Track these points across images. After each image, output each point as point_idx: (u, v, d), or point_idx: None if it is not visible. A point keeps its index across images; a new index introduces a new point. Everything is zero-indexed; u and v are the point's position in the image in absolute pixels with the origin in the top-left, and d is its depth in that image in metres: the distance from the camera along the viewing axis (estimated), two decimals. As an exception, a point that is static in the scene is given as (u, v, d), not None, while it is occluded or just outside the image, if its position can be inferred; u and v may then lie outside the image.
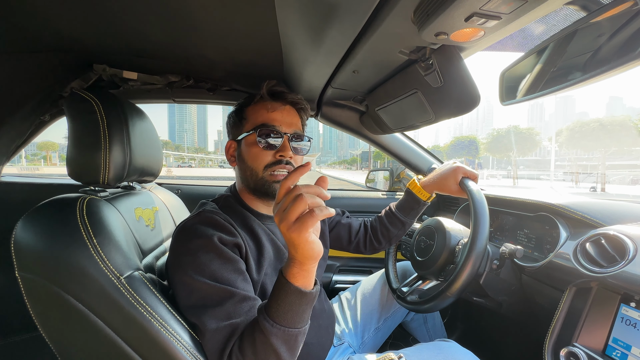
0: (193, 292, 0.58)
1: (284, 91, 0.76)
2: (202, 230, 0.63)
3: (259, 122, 0.73)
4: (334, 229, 1.04)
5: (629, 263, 0.64)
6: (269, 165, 0.72)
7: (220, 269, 0.60)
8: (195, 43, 0.86)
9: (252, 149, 0.73)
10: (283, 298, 0.53)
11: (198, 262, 0.59)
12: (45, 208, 0.59)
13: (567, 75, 0.58)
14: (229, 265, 0.61)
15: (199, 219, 0.66)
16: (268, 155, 0.73)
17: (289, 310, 0.53)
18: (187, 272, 0.59)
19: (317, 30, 0.65)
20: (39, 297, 0.55)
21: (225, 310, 0.57)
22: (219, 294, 0.58)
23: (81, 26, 0.77)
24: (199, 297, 0.58)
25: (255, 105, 0.76)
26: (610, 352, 0.63)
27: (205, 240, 0.61)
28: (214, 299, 0.58)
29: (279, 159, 0.73)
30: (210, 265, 0.59)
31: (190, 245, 0.61)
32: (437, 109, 0.85)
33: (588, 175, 33.85)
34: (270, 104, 0.75)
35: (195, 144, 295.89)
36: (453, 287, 0.75)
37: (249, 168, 0.74)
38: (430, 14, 0.50)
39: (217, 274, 0.59)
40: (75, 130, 0.66)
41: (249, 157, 0.74)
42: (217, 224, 0.65)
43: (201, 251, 0.60)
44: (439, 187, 0.93)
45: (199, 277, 0.58)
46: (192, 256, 0.60)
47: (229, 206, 0.75)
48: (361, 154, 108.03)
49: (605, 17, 0.49)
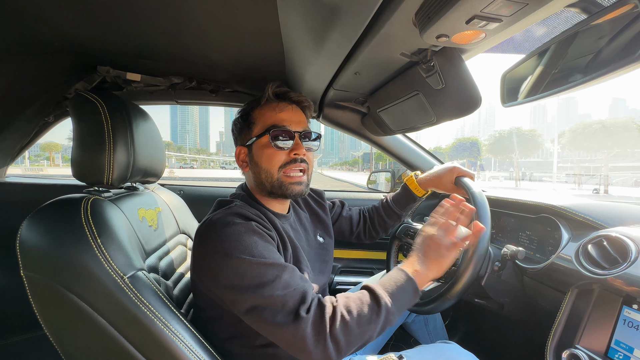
0: (246, 272, 0.57)
1: (288, 91, 0.77)
2: (237, 220, 0.63)
3: (269, 123, 0.73)
4: (337, 221, 1.05)
5: (631, 265, 0.64)
6: (283, 165, 0.73)
7: (265, 249, 0.61)
8: (197, 45, 0.87)
9: (265, 151, 0.73)
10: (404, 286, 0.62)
11: (244, 244, 0.59)
12: (50, 208, 0.59)
13: (568, 77, 0.58)
14: (270, 246, 0.63)
15: (230, 212, 0.66)
16: (282, 155, 0.73)
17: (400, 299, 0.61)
18: (235, 255, 0.58)
19: (319, 33, 0.65)
20: (44, 296, 0.55)
21: (284, 280, 0.58)
22: (273, 268, 0.58)
23: (85, 29, 0.78)
24: (255, 274, 0.57)
25: (262, 108, 0.76)
26: (613, 355, 0.63)
27: (245, 226, 0.62)
28: (271, 273, 0.58)
29: (294, 157, 0.73)
30: (256, 246, 0.60)
31: (230, 231, 0.61)
32: (439, 111, 0.85)
33: (591, 177, 33.69)
34: (277, 104, 0.75)
35: (198, 145, 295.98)
36: (454, 289, 0.75)
37: (264, 170, 0.73)
38: (432, 16, 0.50)
39: (265, 253, 0.60)
40: (79, 131, 0.67)
41: (263, 160, 0.73)
42: (249, 216, 0.66)
43: (244, 235, 0.61)
44: (434, 185, 0.96)
45: (249, 257, 0.58)
46: (236, 240, 0.59)
47: (250, 204, 0.75)
48: (363, 156, 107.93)
49: (606, 19, 0.49)
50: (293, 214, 0.85)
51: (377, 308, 0.58)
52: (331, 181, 28.39)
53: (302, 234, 0.85)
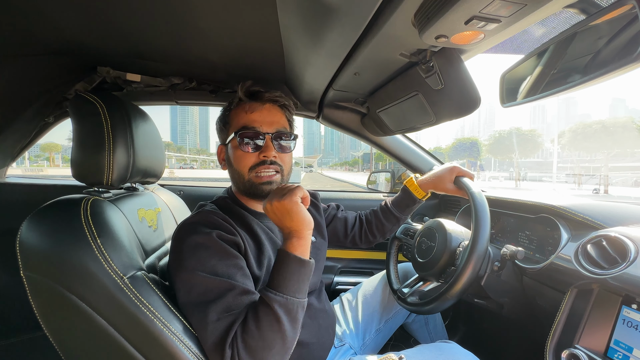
0: (193, 288, 0.59)
1: (260, 90, 0.76)
2: (201, 228, 0.64)
3: (240, 125, 0.73)
4: (331, 223, 1.05)
5: (631, 265, 0.64)
6: (253, 167, 0.73)
7: (219, 263, 0.61)
8: (197, 46, 0.87)
9: (236, 153, 0.74)
10: (284, 268, 0.59)
11: (197, 258, 0.60)
12: (50, 209, 0.59)
13: (567, 78, 0.59)
14: (228, 261, 0.62)
15: (198, 218, 0.67)
16: (252, 157, 0.73)
17: (290, 278, 0.59)
18: (186, 268, 0.60)
19: (318, 33, 0.65)
20: (44, 296, 0.56)
21: (226, 302, 0.58)
22: (219, 287, 0.59)
23: (85, 29, 0.78)
24: (199, 291, 0.59)
25: (236, 109, 0.76)
26: (612, 354, 0.63)
27: (205, 237, 0.62)
28: (215, 292, 0.58)
29: (263, 159, 0.72)
30: (210, 260, 0.60)
31: (189, 242, 0.62)
32: (438, 111, 0.85)
33: (591, 177, 33.68)
34: (249, 105, 0.74)
35: (197, 146, 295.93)
36: (454, 289, 0.75)
37: (236, 171, 0.75)
38: (431, 17, 0.51)
39: (217, 268, 0.60)
40: (79, 132, 0.67)
41: (235, 161, 0.74)
42: (216, 222, 0.66)
43: (200, 247, 0.61)
44: (434, 186, 0.96)
45: (199, 272, 0.59)
46: (191, 252, 0.61)
47: (226, 207, 0.76)
48: (363, 156, 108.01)
49: (605, 20, 0.49)
50: None
51: (271, 312, 0.56)
52: (331, 181, 28.39)
53: None
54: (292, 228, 0.62)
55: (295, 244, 0.61)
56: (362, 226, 1.07)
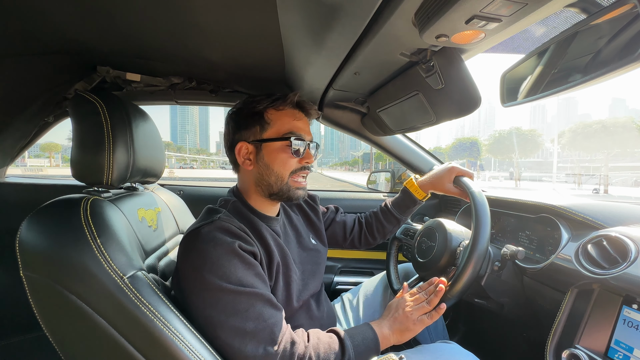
0: (221, 299, 0.59)
1: (307, 102, 0.80)
2: (221, 238, 0.63)
3: (286, 129, 0.74)
4: (330, 227, 1.05)
5: (631, 265, 0.64)
6: (294, 171, 0.75)
7: (245, 274, 0.61)
8: (197, 45, 0.87)
9: (280, 155, 0.74)
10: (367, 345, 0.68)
11: (222, 269, 0.60)
12: (50, 208, 0.59)
13: (567, 77, 0.59)
14: (252, 270, 0.63)
15: (215, 227, 0.65)
16: (294, 162, 0.75)
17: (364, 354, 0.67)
18: (211, 280, 0.59)
19: (318, 33, 0.65)
20: (43, 296, 0.55)
21: (258, 311, 0.59)
22: (249, 297, 0.60)
23: (85, 29, 0.78)
24: (228, 302, 0.59)
25: (279, 111, 0.76)
26: (613, 354, 0.63)
27: (227, 247, 0.61)
28: (245, 302, 0.59)
29: (305, 165, 0.77)
30: (236, 271, 0.60)
31: (210, 252, 0.61)
32: (438, 111, 0.85)
33: (591, 177, 33.69)
34: (296, 112, 0.78)
35: (197, 146, 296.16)
36: (454, 289, 0.75)
37: (275, 173, 0.74)
38: (431, 16, 0.51)
39: (243, 280, 0.60)
40: (79, 131, 0.67)
41: (276, 163, 0.74)
42: (234, 232, 0.65)
43: (224, 258, 0.60)
44: (433, 186, 0.96)
45: (226, 284, 0.59)
46: (214, 264, 0.60)
47: (238, 212, 0.75)
48: (363, 156, 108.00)
49: (606, 19, 0.49)
50: (283, 216, 0.86)
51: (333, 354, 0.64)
52: (331, 181, 28.39)
53: (293, 236, 0.85)
54: (395, 333, 0.72)
55: (387, 342, 0.71)
56: (361, 229, 1.07)
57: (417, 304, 0.74)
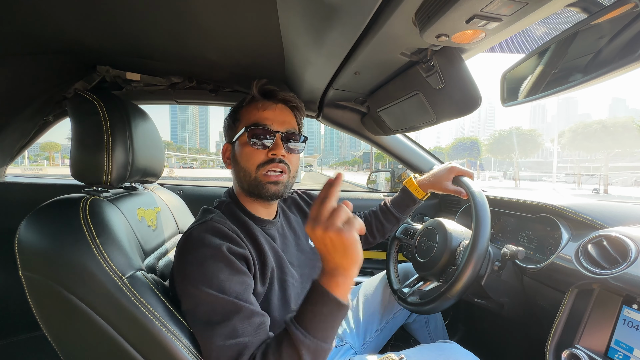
0: (199, 305, 0.57)
1: (274, 89, 0.75)
2: (210, 240, 0.61)
3: (251, 121, 0.72)
4: None
5: (631, 265, 0.64)
6: (261, 165, 0.71)
7: (228, 279, 0.58)
8: (197, 45, 0.87)
9: (244, 149, 0.72)
10: (320, 308, 0.53)
11: (205, 272, 0.58)
12: (49, 208, 0.59)
13: (568, 77, 0.58)
14: (237, 277, 0.60)
15: (206, 228, 0.64)
16: (261, 155, 0.71)
17: (324, 320, 0.53)
18: (193, 283, 0.57)
19: (318, 32, 0.65)
20: (42, 296, 0.55)
21: (232, 325, 0.55)
22: (225, 307, 0.56)
23: (85, 28, 0.78)
24: (205, 310, 0.56)
25: (248, 106, 0.75)
26: (613, 354, 0.63)
27: (214, 250, 0.60)
28: (221, 313, 0.56)
29: (272, 157, 0.71)
30: (218, 275, 0.58)
31: (197, 254, 0.60)
32: (439, 111, 0.85)
33: (590, 177, 33.71)
34: (262, 102, 0.74)
35: (197, 145, 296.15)
36: (454, 289, 0.75)
37: (242, 169, 0.72)
38: (432, 15, 0.50)
39: (225, 285, 0.57)
40: (78, 131, 0.66)
41: (242, 158, 0.73)
42: (225, 234, 0.63)
43: (209, 260, 0.59)
44: (433, 186, 0.96)
45: (206, 289, 0.56)
46: (199, 266, 0.58)
47: (231, 213, 0.73)
48: (362, 155, 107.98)
49: (606, 19, 0.49)
50: (282, 217, 0.84)
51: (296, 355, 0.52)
52: (331, 181, 28.26)
53: (292, 238, 0.83)
54: (341, 265, 0.53)
55: (341, 283, 0.54)
56: None
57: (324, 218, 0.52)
